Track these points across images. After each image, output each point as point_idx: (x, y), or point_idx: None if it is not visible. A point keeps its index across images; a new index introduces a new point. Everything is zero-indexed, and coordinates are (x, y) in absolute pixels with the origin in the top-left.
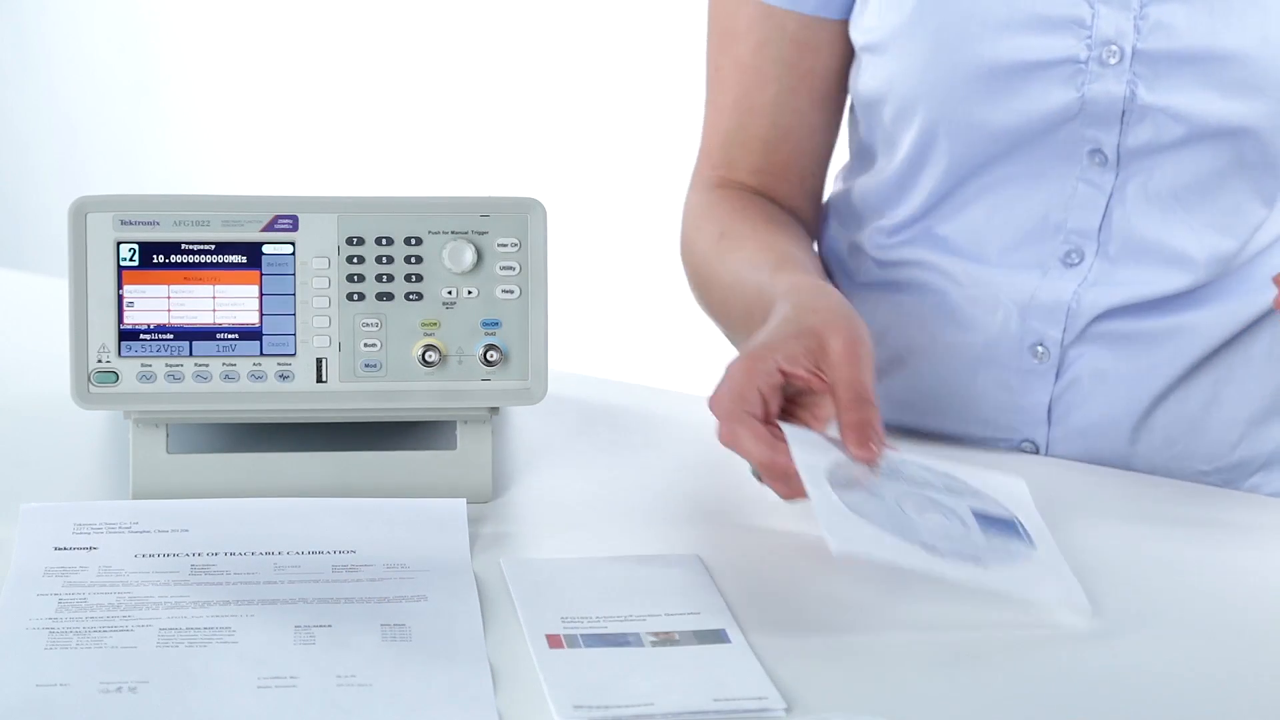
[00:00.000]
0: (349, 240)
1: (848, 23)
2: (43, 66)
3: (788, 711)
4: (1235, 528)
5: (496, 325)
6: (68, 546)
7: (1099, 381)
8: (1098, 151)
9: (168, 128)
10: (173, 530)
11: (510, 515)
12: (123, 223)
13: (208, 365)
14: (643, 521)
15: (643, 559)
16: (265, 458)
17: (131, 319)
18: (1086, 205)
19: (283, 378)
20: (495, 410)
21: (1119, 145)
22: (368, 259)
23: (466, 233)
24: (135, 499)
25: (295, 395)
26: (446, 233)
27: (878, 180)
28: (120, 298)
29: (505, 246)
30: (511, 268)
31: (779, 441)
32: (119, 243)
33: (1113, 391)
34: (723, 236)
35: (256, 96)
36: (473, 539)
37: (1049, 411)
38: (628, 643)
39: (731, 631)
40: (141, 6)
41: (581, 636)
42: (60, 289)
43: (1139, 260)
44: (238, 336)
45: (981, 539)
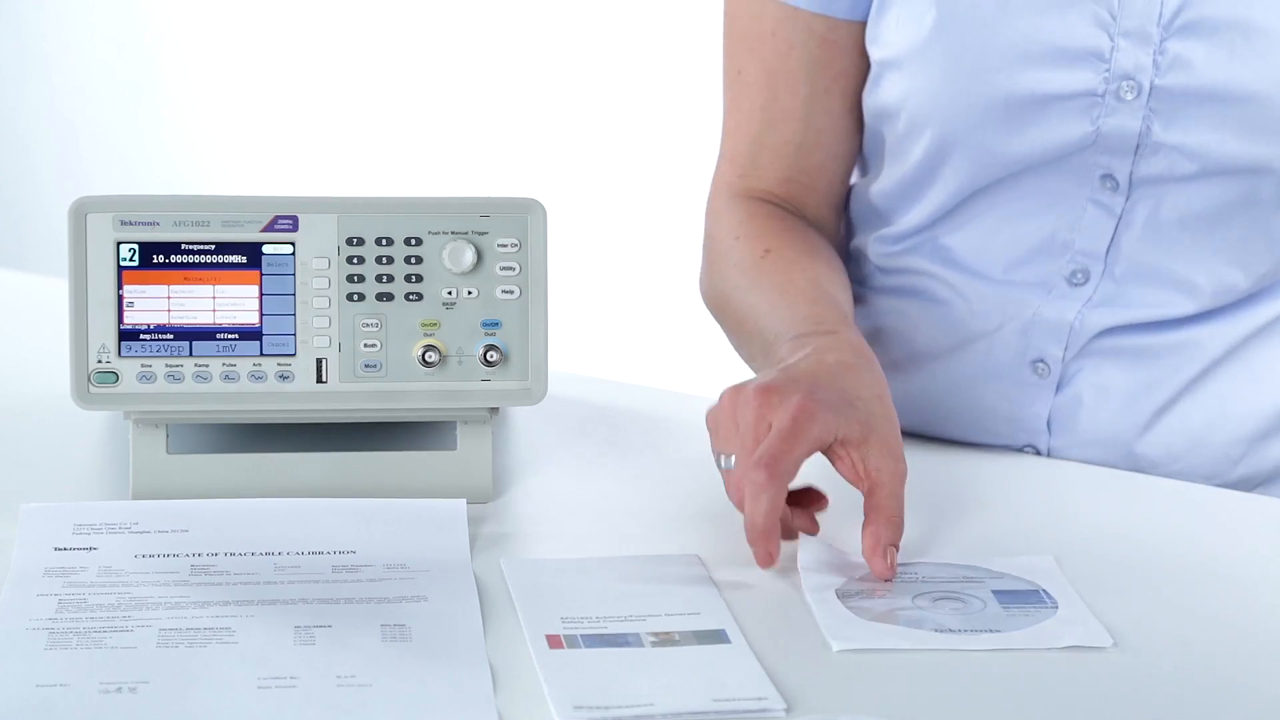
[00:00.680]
0: (349, 240)
1: (857, 24)
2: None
3: (788, 711)
4: (1237, 528)
5: (496, 325)
6: (68, 547)
7: (1099, 396)
8: (1109, 177)
9: (168, 128)
10: (173, 530)
11: (510, 515)
12: (123, 223)
13: (208, 365)
14: (643, 521)
15: (643, 559)
16: (265, 458)
17: (131, 319)
18: (1095, 227)
19: (283, 378)
20: (495, 410)
21: (1131, 173)
22: (368, 259)
23: (466, 233)
24: (135, 499)
25: (295, 395)
26: (446, 233)
27: (883, 187)
28: (120, 298)
29: (505, 247)
30: (511, 268)
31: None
32: (119, 243)
33: (1113, 406)
34: (767, 254)
35: (256, 96)
36: (473, 539)
37: (1049, 423)
38: (628, 643)
39: (731, 631)
40: (141, 6)
41: (581, 636)
42: (60, 289)
43: (1145, 284)
44: (238, 337)
45: (1001, 612)
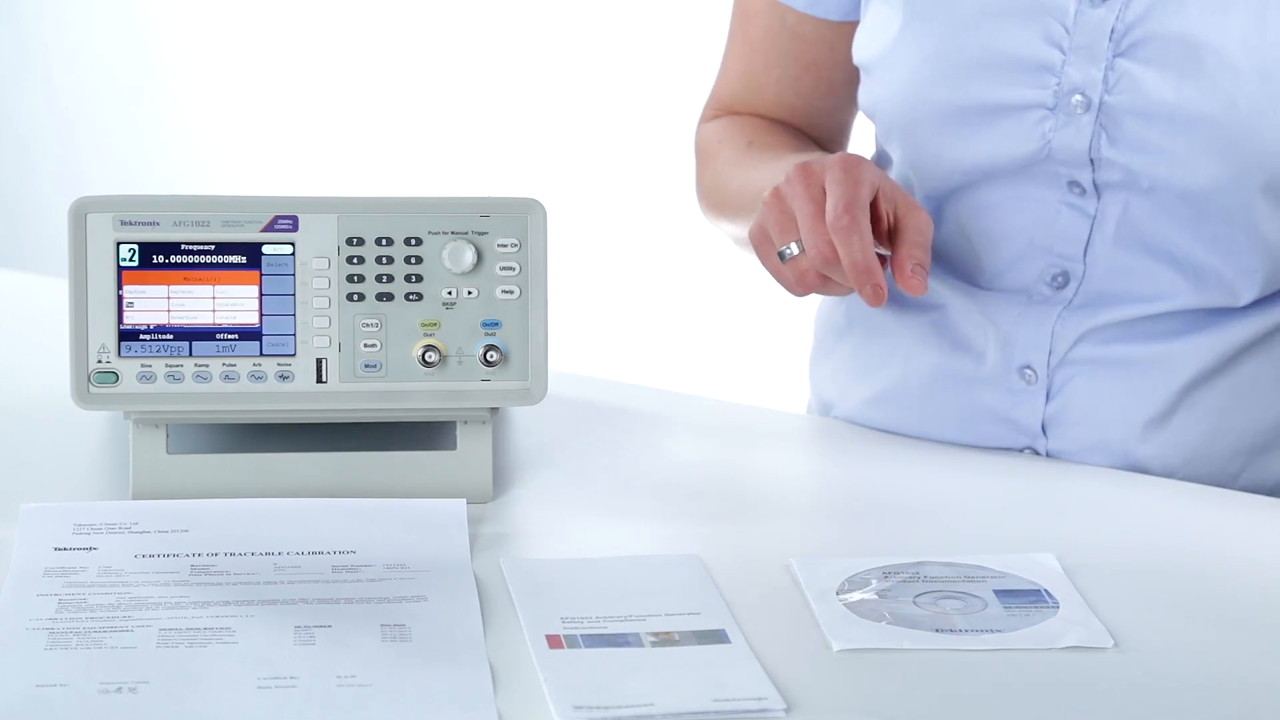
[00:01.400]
0: (349, 240)
1: (847, 25)
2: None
3: (788, 711)
4: (1237, 528)
5: (496, 325)
6: (68, 547)
7: (1090, 407)
8: (1075, 184)
9: (168, 128)
10: (173, 531)
11: (510, 515)
12: (123, 223)
13: (208, 365)
14: (643, 521)
15: (643, 559)
16: (265, 458)
17: (131, 319)
18: (1070, 229)
19: (283, 378)
20: (495, 410)
21: (1094, 181)
22: (368, 259)
23: (466, 233)
24: (135, 499)
25: (295, 395)
26: (446, 233)
27: None
28: (120, 298)
29: (505, 247)
30: (511, 268)
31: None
32: (119, 243)
33: (1105, 417)
34: (750, 145)
35: (256, 97)
36: (473, 539)
37: (1044, 430)
38: (628, 643)
39: (731, 631)
40: (141, 6)
41: (581, 636)
42: (60, 289)
43: (1125, 282)
44: (238, 337)
45: (1002, 612)
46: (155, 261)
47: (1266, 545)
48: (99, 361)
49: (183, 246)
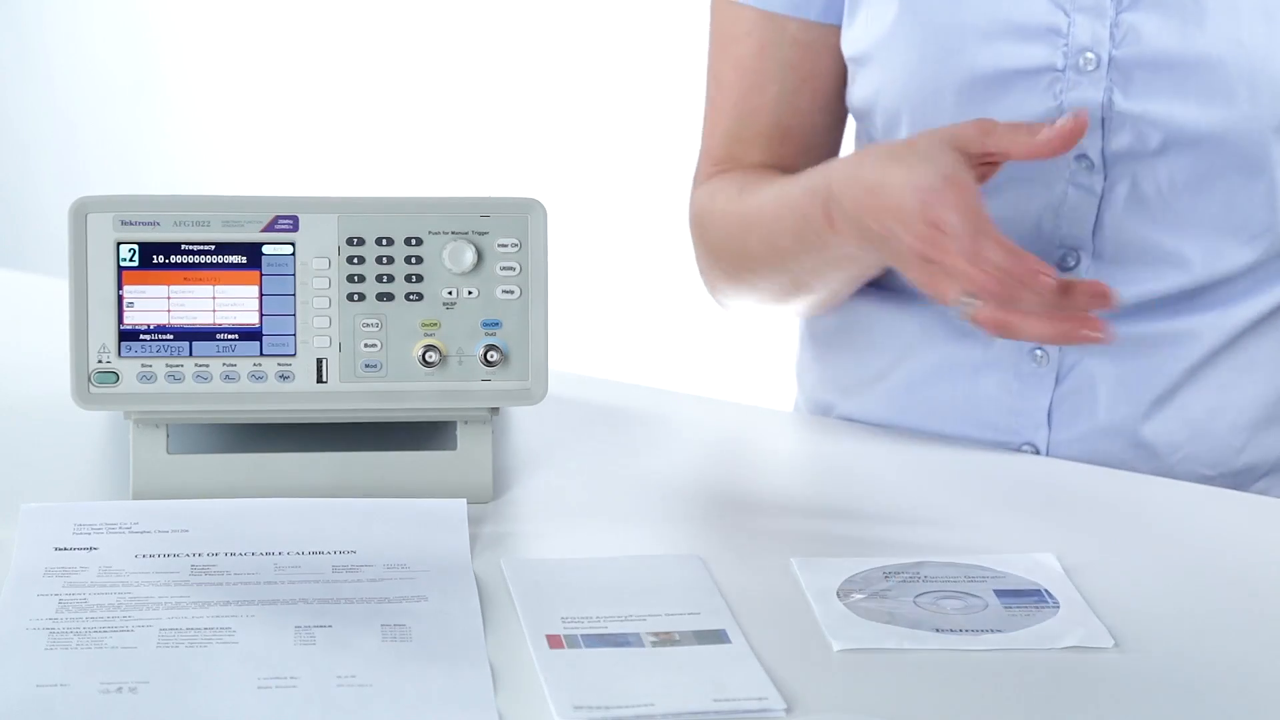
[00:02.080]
0: (349, 240)
1: (832, 27)
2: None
3: (788, 711)
4: (1237, 528)
5: (497, 325)
6: (68, 547)
7: (1099, 385)
8: (1084, 157)
9: (168, 128)
10: (173, 530)
11: (510, 515)
12: (123, 223)
13: (208, 365)
14: (643, 521)
15: (643, 559)
16: (265, 458)
17: (131, 319)
18: (1078, 210)
19: (283, 378)
20: (495, 410)
21: (1103, 150)
22: (368, 259)
23: (467, 233)
24: (135, 499)
25: (295, 395)
26: (447, 233)
27: None
28: (120, 298)
29: (505, 247)
30: (512, 268)
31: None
32: (119, 243)
33: (1113, 395)
34: (744, 189)
35: (256, 96)
36: (473, 539)
37: (1049, 415)
38: (628, 643)
39: (731, 631)
40: (141, 6)
41: (581, 636)
42: (60, 289)
43: (1134, 262)
44: (238, 337)
45: (1002, 612)
46: (155, 261)
47: (1267, 545)
48: (99, 361)
49: (183, 246)
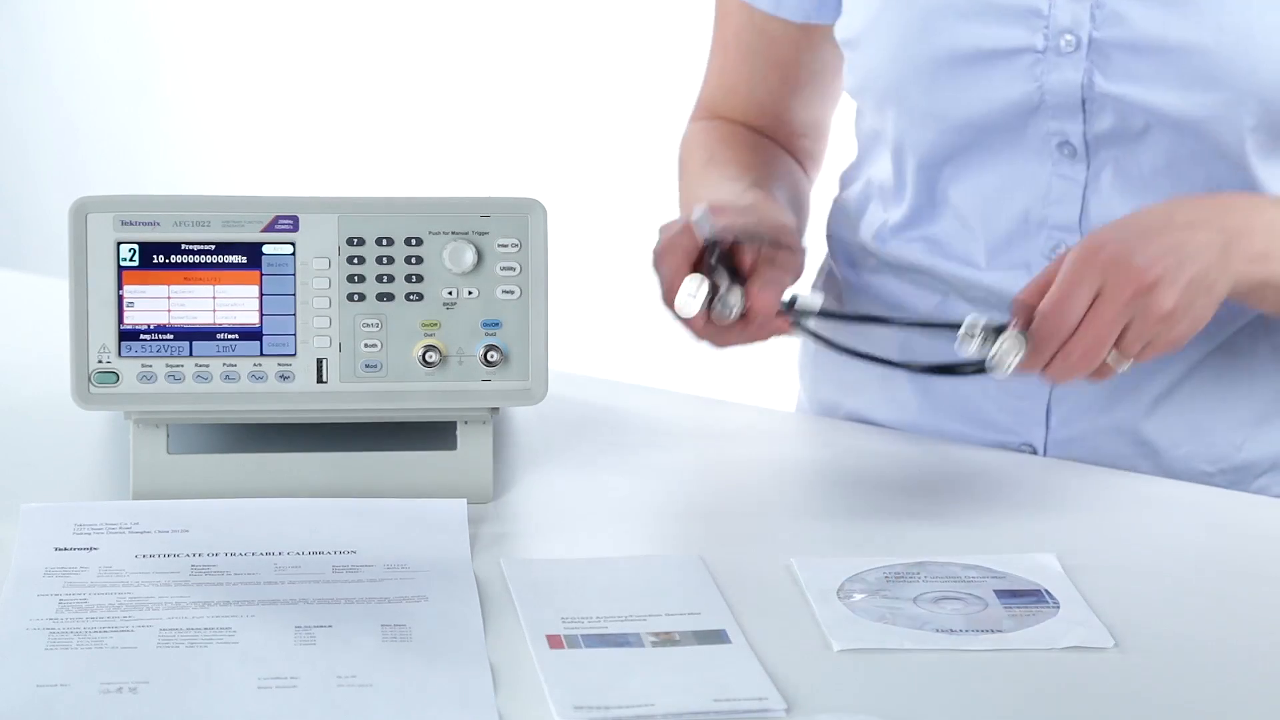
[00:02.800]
0: (349, 240)
1: (810, 26)
2: (43, 66)
3: (788, 711)
4: (1237, 528)
5: (497, 325)
6: (68, 547)
7: (1102, 385)
8: (1066, 144)
9: (168, 128)
10: (173, 530)
11: (510, 515)
12: (123, 223)
13: (208, 365)
14: (643, 521)
15: (643, 559)
16: (265, 458)
17: (131, 319)
18: (1064, 199)
19: (283, 378)
20: (495, 410)
21: (1085, 135)
22: (368, 259)
23: (467, 233)
24: (135, 499)
25: (295, 395)
26: (447, 233)
27: (876, 180)
28: (120, 298)
29: (505, 247)
30: (512, 268)
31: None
32: (119, 243)
33: (1111, 393)
34: (709, 162)
35: (256, 96)
36: (473, 539)
37: (1047, 413)
38: (628, 643)
39: (731, 631)
40: (141, 6)
41: (581, 636)
42: (60, 289)
43: None
44: (238, 337)
45: (1002, 612)
46: (155, 261)
47: (1267, 544)
48: (99, 361)
49: (183, 246)
